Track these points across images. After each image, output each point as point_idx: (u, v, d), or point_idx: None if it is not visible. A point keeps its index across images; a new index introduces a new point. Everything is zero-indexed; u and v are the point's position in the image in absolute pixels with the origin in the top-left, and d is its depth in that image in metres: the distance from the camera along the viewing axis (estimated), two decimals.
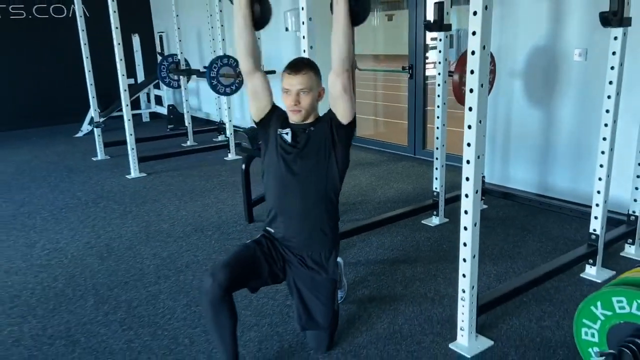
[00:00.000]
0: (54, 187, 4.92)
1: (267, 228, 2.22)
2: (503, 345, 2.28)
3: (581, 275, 2.87)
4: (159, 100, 8.84)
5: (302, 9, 2.63)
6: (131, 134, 5.11)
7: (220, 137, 6.87)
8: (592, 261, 2.87)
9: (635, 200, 3.07)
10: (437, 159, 3.56)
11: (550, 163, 3.99)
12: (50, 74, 8.04)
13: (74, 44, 7.34)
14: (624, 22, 2.50)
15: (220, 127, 6.90)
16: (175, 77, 6.78)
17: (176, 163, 5.62)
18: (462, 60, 3.61)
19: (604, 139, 2.71)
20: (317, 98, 2.13)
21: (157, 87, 8.67)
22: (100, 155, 5.99)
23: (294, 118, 2.12)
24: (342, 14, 1.99)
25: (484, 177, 3.92)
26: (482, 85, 2.00)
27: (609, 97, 2.64)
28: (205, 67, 6.45)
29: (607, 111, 2.66)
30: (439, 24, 3.28)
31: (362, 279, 2.90)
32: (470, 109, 2.03)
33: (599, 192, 2.78)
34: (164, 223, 3.87)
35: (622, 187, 3.17)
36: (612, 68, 2.60)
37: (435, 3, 3.29)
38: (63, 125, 7.91)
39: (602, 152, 2.72)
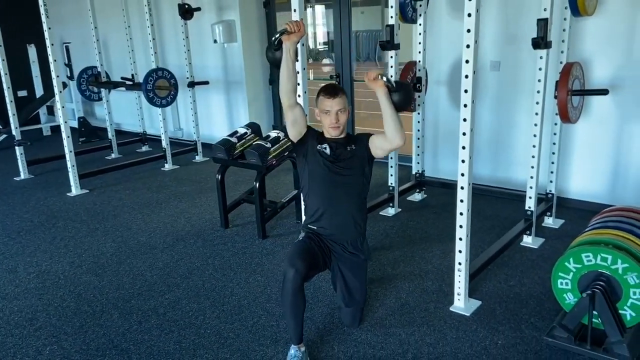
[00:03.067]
0: None
1: (310, 226, 2.61)
2: (488, 303, 2.89)
3: (521, 244, 3.61)
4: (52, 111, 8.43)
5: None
6: (71, 151, 5.02)
7: (145, 148, 6.87)
8: (528, 232, 3.62)
9: (551, 182, 3.89)
10: (391, 158, 4.12)
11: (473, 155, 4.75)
12: None
13: None
14: (548, 45, 3.24)
15: (143, 138, 6.90)
16: (95, 90, 6.63)
17: (114, 177, 5.57)
18: (405, 71, 4.21)
19: (535, 135, 3.45)
20: (348, 115, 2.57)
21: None
22: (24, 174, 5.73)
23: (333, 133, 2.54)
24: (387, 109, 2.47)
25: (424, 171, 4.57)
26: (473, 102, 2.56)
27: (537, 102, 3.38)
28: (123, 78, 6.44)
29: (537, 113, 3.40)
30: (391, 44, 3.83)
31: None
32: (464, 119, 2.59)
33: (532, 177, 3.53)
34: (140, 236, 3.99)
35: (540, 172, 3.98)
36: (540, 80, 3.34)
37: (387, 25, 3.84)
38: None
39: (534, 146, 3.46)
